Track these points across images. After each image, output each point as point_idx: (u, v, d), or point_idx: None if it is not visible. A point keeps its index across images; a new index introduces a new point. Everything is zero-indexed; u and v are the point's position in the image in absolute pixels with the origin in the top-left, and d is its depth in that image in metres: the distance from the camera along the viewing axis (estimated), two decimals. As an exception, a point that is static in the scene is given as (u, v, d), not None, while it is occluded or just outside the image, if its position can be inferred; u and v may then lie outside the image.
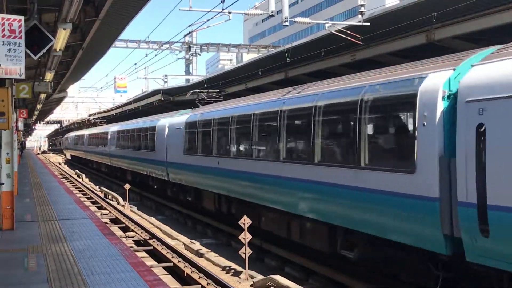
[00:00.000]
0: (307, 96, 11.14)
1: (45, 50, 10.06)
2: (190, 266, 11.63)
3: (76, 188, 29.31)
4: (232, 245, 14.88)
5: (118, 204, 23.08)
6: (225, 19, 18.38)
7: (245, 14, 18.69)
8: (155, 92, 34.78)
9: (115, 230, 16.21)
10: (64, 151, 75.86)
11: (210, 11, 16.33)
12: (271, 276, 10.09)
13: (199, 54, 40.94)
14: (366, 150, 8.95)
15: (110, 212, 20.40)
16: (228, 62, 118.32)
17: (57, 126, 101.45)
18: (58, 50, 12.45)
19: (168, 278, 11.31)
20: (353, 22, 15.02)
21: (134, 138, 27.32)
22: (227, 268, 12.12)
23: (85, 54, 16.01)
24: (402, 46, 14.18)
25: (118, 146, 31.68)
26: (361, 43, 14.67)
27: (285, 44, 20.33)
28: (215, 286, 10.22)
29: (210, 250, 14.10)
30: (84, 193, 27.12)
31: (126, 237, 15.49)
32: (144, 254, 13.64)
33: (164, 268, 12.19)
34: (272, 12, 16.68)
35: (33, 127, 73.36)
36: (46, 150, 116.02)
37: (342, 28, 14.74)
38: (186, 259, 12.26)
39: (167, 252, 13.21)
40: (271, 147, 12.49)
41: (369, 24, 13.84)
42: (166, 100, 32.65)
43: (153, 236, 15.25)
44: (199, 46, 40.38)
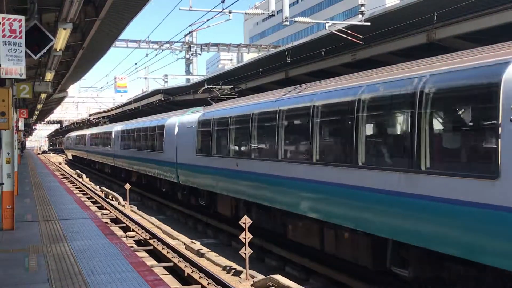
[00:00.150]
0: (351, 88, 9.54)
1: (45, 50, 10.04)
2: (190, 266, 11.63)
3: (76, 188, 29.31)
4: (232, 245, 14.88)
5: (118, 204, 23.06)
6: (225, 19, 18.40)
7: (245, 13, 18.72)
8: (156, 92, 34.82)
9: (116, 230, 16.19)
10: (65, 151, 75.08)
11: (210, 11, 16.35)
12: (272, 276, 10.08)
13: (200, 54, 40.91)
14: (429, 150, 7.56)
15: (111, 212, 20.39)
16: (228, 62, 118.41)
17: (57, 126, 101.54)
18: (58, 50, 12.45)
19: (168, 278, 11.30)
20: (353, 21, 15.01)
21: (140, 137, 26.13)
22: (228, 268, 12.12)
23: (85, 54, 16.02)
24: (402, 45, 14.18)
25: (123, 146, 30.58)
26: (361, 43, 14.67)
27: (285, 43, 20.33)
28: (216, 286, 10.21)
29: (210, 250, 14.10)
30: (84, 193, 27.11)
31: (126, 237, 15.48)
32: (144, 254, 13.63)
33: (164, 268, 12.18)
34: (272, 11, 16.69)
35: (33, 127, 73.43)
36: (47, 150, 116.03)
37: (343, 27, 14.74)
38: (186, 259, 12.25)
39: (168, 252, 13.21)
40: (302, 148, 11.28)
41: (369, 23, 13.84)
42: (166, 100, 32.66)
43: (153, 236, 15.24)
44: (200, 46, 40.35)
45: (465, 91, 7.32)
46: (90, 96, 70.64)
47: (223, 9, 15.46)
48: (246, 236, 11.33)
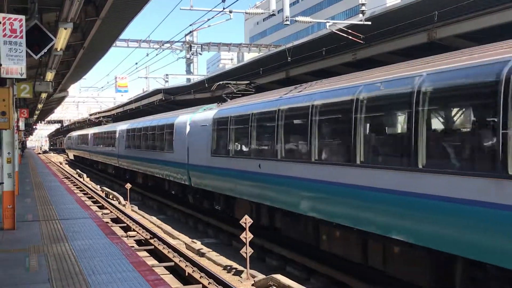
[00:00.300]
0: (407, 78, 8.14)
1: (46, 50, 10.04)
2: (191, 266, 11.63)
3: (77, 187, 29.32)
4: (233, 244, 14.88)
5: (119, 203, 23.07)
6: (226, 19, 18.40)
7: (246, 13, 18.71)
8: (156, 91, 34.82)
9: (117, 229, 16.19)
10: (66, 151, 74.26)
11: (211, 11, 16.35)
12: (273, 275, 10.08)
13: (200, 54, 40.94)
14: None
15: (111, 211, 20.40)
16: (229, 61, 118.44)
17: (58, 126, 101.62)
18: (59, 49, 12.45)
19: (169, 278, 11.31)
20: (354, 21, 15.00)
21: (147, 137, 24.91)
22: (229, 267, 12.12)
23: (86, 53, 16.01)
24: (403, 45, 14.17)
25: (128, 146, 29.34)
26: (362, 42, 14.66)
27: (286, 43, 20.32)
28: (217, 285, 10.21)
29: (211, 250, 14.10)
30: (85, 192, 27.13)
31: (127, 236, 15.49)
32: (145, 254, 13.64)
33: (165, 267, 12.19)
34: (273, 11, 16.69)
35: (34, 127, 73.46)
36: (47, 150, 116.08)
37: (343, 27, 14.73)
38: (187, 259, 12.25)
39: (168, 251, 13.21)
40: (342, 148, 9.99)
41: (370, 23, 13.83)
42: (167, 99, 32.67)
43: (154, 235, 15.24)
44: (200, 46, 40.38)
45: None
46: (90, 95, 70.71)
47: (224, 8, 15.47)
48: (247, 235, 11.33)
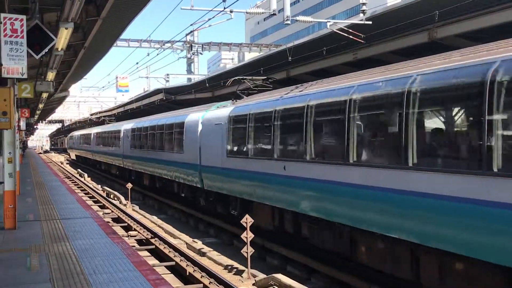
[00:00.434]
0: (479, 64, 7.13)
1: (47, 50, 10.06)
2: (192, 265, 11.64)
3: (78, 187, 29.36)
4: (234, 244, 14.89)
5: (120, 203, 23.10)
6: (226, 18, 18.46)
7: (246, 13, 18.76)
8: (157, 91, 34.88)
9: (118, 229, 16.22)
10: (68, 151, 73.38)
11: (211, 10, 16.38)
12: (274, 275, 10.08)
13: (201, 53, 40.99)
14: None
15: (112, 211, 20.42)
16: (229, 61, 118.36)
17: (59, 126, 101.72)
18: (60, 49, 12.46)
19: (170, 277, 11.32)
20: (354, 20, 15.01)
21: (154, 136, 23.68)
22: (229, 267, 12.13)
23: (86, 53, 16.02)
24: (404, 44, 14.19)
25: (134, 146, 28.09)
26: (363, 42, 14.67)
27: (286, 43, 20.33)
28: (218, 285, 10.22)
29: (212, 249, 14.11)
30: (86, 192, 27.15)
31: (128, 236, 15.50)
32: (146, 253, 13.64)
33: (166, 267, 12.20)
34: (273, 11, 16.74)
35: (35, 127, 73.59)
36: (48, 150, 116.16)
37: (344, 26, 14.75)
38: (188, 258, 12.26)
39: (169, 251, 13.22)
40: (388, 147, 8.83)
41: (370, 22, 13.84)
42: (168, 99, 32.71)
43: (155, 235, 15.26)
44: (201, 45, 40.42)
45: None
46: (91, 95, 70.77)
47: (225, 8, 15.49)
48: (248, 235, 11.34)
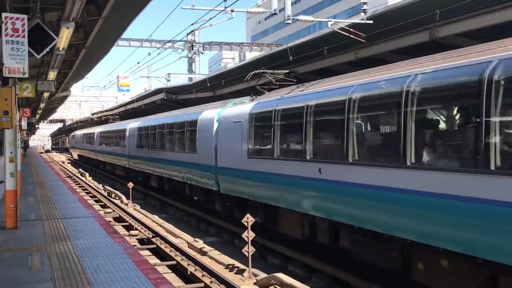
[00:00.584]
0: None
1: (48, 49, 10.09)
2: (193, 264, 11.65)
3: (79, 186, 29.38)
4: (235, 243, 14.89)
5: (121, 202, 23.11)
6: (227, 18, 18.49)
7: (247, 12, 18.76)
8: (158, 90, 34.92)
9: (119, 228, 16.24)
10: (70, 151, 72.41)
11: (212, 10, 16.39)
12: (275, 274, 10.09)
13: (202, 53, 40.97)
14: None
15: (114, 210, 20.44)
16: (230, 60, 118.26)
17: (60, 125, 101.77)
18: (61, 49, 12.47)
19: (171, 276, 11.33)
20: (355, 20, 15.02)
21: (163, 136, 22.49)
22: (231, 266, 12.14)
23: (88, 53, 16.03)
24: (405, 43, 14.19)
25: (140, 146, 26.79)
26: (364, 41, 14.67)
27: (287, 42, 20.34)
28: (219, 284, 10.23)
29: (213, 248, 14.12)
30: (87, 191, 27.18)
31: (129, 235, 15.52)
32: (147, 253, 13.65)
33: (167, 266, 12.21)
34: (274, 10, 16.75)
35: (36, 126, 73.65)
36: (50, 149, 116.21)
37: (345, 26, 14.75)
38: (189, 258, 12.27)
39: (171, 250, 13.23)
40: (459, 147, 7.72)
41: (371, 22, 13.85)
42: (169, 98, 32.74)
43: (156, 234, 15.27)
44: (202, 45, 40.41)
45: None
46: (93, 95, 70.84)
47: (226, 7, 15.51)
48: (249, 234, 11.35)
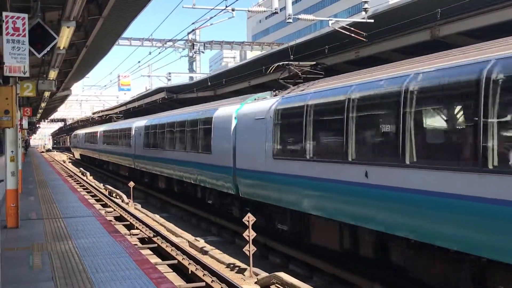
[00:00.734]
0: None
1: (49, 48, 10.07)
2: (194, 264, 11.65)
3: (80, 186, 29.39)
4: (236, 242, 14.89)
5: (122, 202, 23.12)
6: (228, 17, 18.46)
7: (248, 11, 18.74)
8: (159, 89, 34.90)
9: (120, 227, 16.23)
10: (72, 150, 71.41)
11: (213, 9, 16.38)
12: (276, 273, 10.09)
13: (203, 52, 41.03)
14: None
15: (115, 210, 20.44)
16: (231, 59, 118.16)
17: (61, 124, 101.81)
18: (62, 48, 12.47)
19: (172, 276, 11.33)
20: (356, 19, 15.00)
21: (173, 135, 21.14)
22: (232, 265, 12.14)
23: (88, 52, 16.03)
24: (406, 42, 14.17)
25: (147, 146, 25.42)
26: (365, 40, 14.66)
27: (288, 41, 20.33)
28: (220, 283, 10.22)
29: (214, 248, 14.12)
30: (88, 191, 27.19)
31: (130, 234, 15.52)
32: (148, 252, 13.66)
33: (168, 265, 12.20)
34: (275, 9, 16.73)
35: (37, 125, 73.65)
36: (51, 149, 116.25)
37: (346, 25, 14.74)
38: (190, 257, 12.27)
39: (172, 249, 13.23)
40: None
41: (372, 21, 13.83)
42: (169, 98, 32.74)
43: (157, 233, 15.27)
44: (203, 44, 40.44)
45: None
46: (93, 94, 70.82)
47: (226, 6, 15.50)
48: (250, 233, 11.34)
